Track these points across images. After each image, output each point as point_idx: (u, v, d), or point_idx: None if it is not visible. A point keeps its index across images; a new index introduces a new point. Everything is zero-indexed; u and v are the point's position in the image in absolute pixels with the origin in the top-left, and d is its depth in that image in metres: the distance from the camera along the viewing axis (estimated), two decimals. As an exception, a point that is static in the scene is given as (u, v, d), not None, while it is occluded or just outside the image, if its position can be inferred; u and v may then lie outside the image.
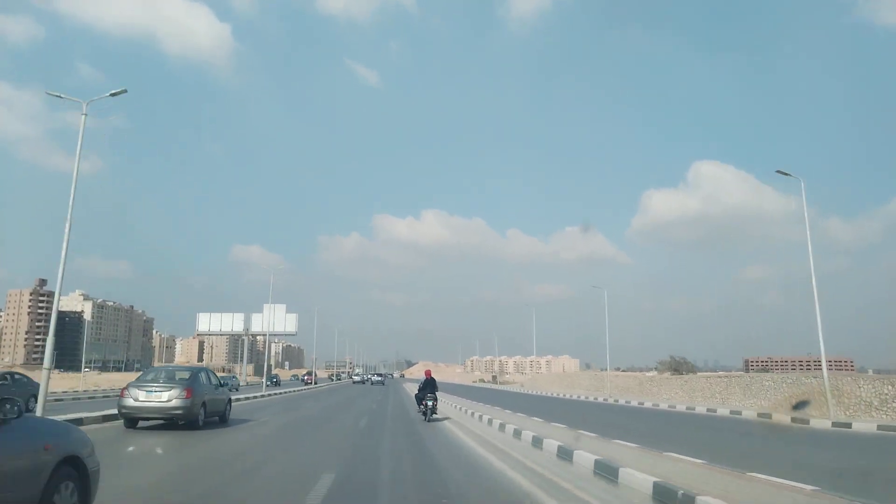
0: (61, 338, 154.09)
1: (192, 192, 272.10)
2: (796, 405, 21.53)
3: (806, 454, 12.75)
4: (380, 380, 77.85)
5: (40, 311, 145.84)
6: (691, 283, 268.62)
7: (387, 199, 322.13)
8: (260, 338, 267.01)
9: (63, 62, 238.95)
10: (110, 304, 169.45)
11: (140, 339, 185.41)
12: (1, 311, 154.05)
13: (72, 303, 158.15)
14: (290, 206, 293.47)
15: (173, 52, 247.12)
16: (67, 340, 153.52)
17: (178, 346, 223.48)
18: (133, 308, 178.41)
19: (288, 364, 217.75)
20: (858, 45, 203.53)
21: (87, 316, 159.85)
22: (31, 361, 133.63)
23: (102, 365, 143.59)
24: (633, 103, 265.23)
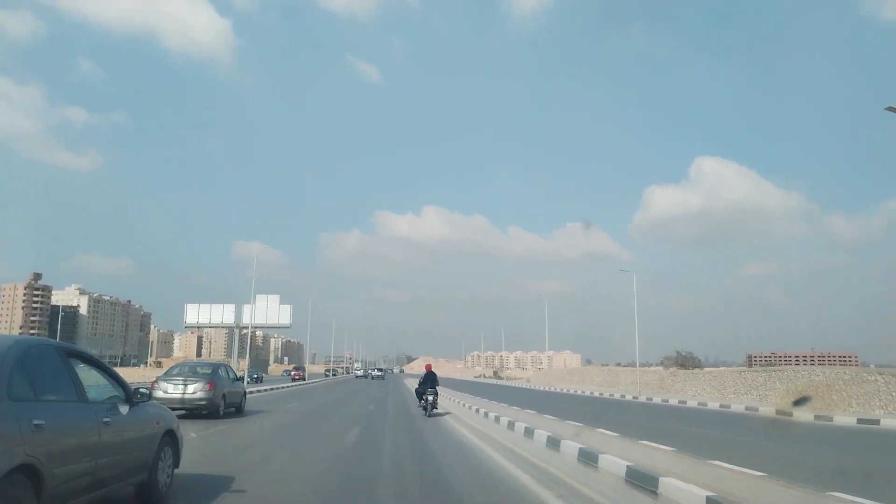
0: (57, 333, 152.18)
1: (193, 189, 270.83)
2: None
3: None
4: (380, 374, 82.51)
5: (35, 306, 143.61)
6: (693, 279, 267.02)
7: (388, 195, 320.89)
8: (258, 333, 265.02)
9: (64, 58, 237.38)
10: (107, 298, 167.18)
11: (137, 333, 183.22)
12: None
13: (68, 297, 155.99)
14: (291, 203, 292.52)
15: (174, 48, 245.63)
16: (63, 335, 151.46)
17: (175, 341, 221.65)
18: (130, 303, 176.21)
19: (287, 359, 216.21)
20: (860, 41, 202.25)
21: (84, 311, 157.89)
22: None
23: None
24: (635, 100, 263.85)
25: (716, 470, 7.39)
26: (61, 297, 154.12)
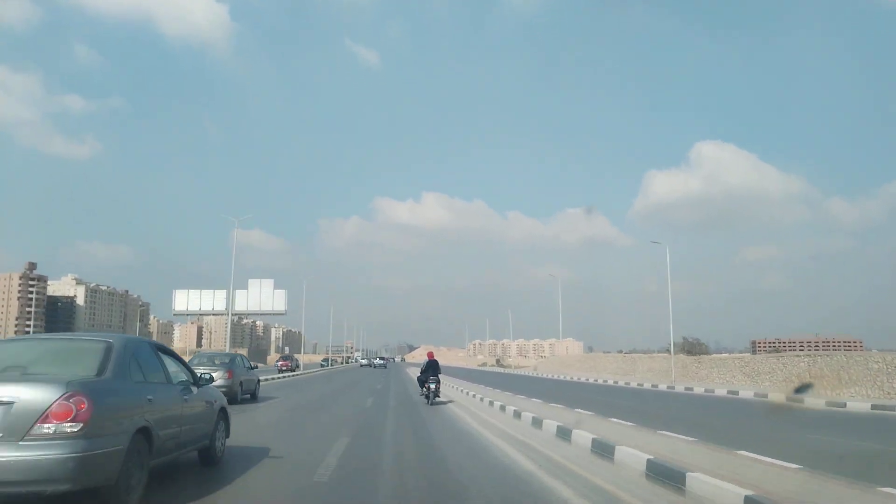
0: (53, 323, 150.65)
1: (192, 176, 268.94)
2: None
3: None
4: (382, 363, 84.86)
5: (30, 296, 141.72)
6: (694, 265, 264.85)
7: (387, 181, 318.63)
8: (259, 322, 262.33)
9: (60, 44, 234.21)
10: (104, 288, 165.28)
11: (136, 324, 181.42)
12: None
13: (64, 287, 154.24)
14: (291, 190, 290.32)
15: (171, 33, 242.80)
16: (60, 326, 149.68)
17: (176, 332, 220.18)
18: (128, 293, 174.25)
19: (288, 349, 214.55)
20: (861, 23, 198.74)
21: (80, 301, 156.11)
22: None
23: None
24: (635, 84, 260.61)
25: (746, 462, 6.81)
26: (58, 288, 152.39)
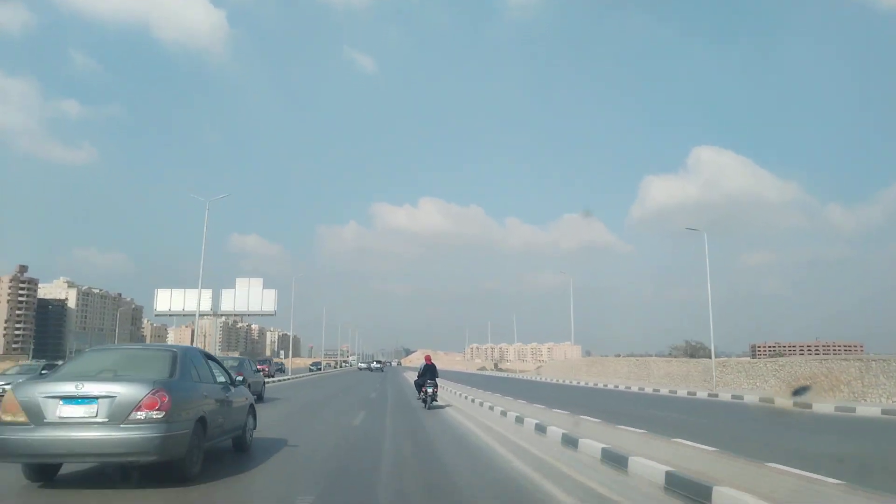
0: (44, 326, 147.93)
1: (189, 181, 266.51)
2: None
3: None
4: (379, 367, 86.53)
5: (21, 300, 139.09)
6: (691, 270, 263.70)
7: (384, 187, 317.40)
8: (254, 326, 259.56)
9: (57, 50, 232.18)
10: (96, 291, 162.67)
11: (129, 327, 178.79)
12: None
13: (55, 290, 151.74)
14: (288, 195, 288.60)
15: (168, 39, 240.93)
16: (50, 329, 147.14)
17: (170, 335, 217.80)
18: (121, 296, 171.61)
19: (283, 353, 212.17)
20: (859, 28, 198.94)
21: (72, 304, 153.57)
22: (12, 351, 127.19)
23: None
24: (633, 89, 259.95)
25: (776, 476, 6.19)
26: (49, 291, 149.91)
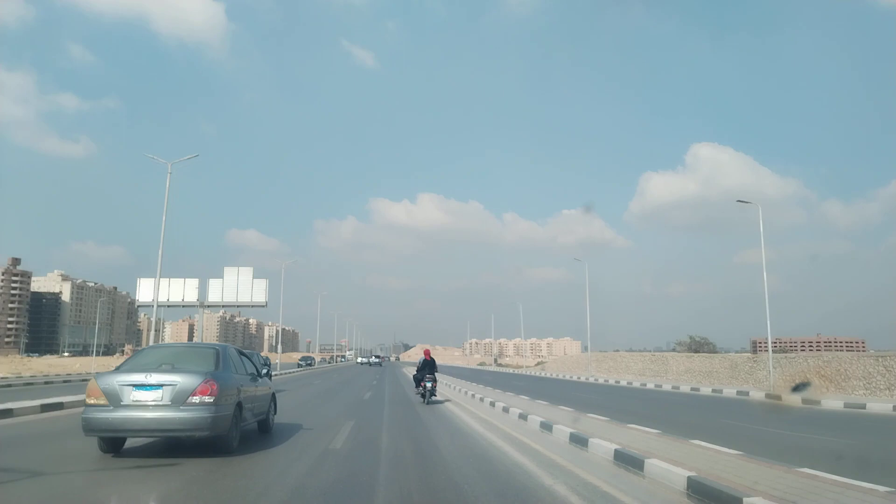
0: (37, 320, 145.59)
1: (187, 176, 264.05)
2: None
3: None
4: (378, 361, 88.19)
5: (13, 293, 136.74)
6: (691, 266, 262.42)
7: (383, 182, 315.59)
8: (252, 320, 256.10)
9: (54, 43, 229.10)
10: (91, 284, 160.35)
11: (124, 321, 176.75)
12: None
13: (49, 283, 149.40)
14: (286, 190, 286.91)
15: (166, 32, 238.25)
16: (44, 322, 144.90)
17: (167, 329, 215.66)
18: (116, 289, 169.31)
19: (280, 348, 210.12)
20: (858, 26, 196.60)
21: (66, 297, 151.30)
22: (4, 345, 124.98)
23: (83, 349, 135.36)
24: (631, 85, 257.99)
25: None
26: (42, 284, 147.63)
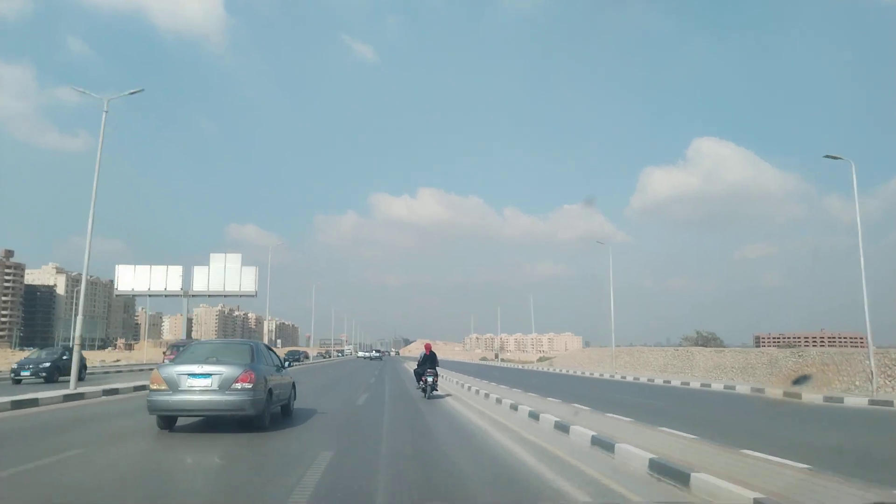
0: (31, 312, 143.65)
1: (186, 170, 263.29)
2: None
3: None
4: (378, 356, 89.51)
5: (7, 285, 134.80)
6: (692, 261, 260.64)
7: (383, 177, 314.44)
8: (252, 315, 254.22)
9: (53, 37, 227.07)
10: (88, 277, 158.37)
11: (121, 315, 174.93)
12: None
13: (44, 276, 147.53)
14: (286, 185, 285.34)
15: (165, 26, 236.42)
16: (38, 315, 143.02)
17: (165, 323, 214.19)
18: (112, 282, 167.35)
19: (280, 343, 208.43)
20: (860, 20, 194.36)
21: (61, 290, 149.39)
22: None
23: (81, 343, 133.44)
24: (632, 80, 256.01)
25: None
26: (37, 276, 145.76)
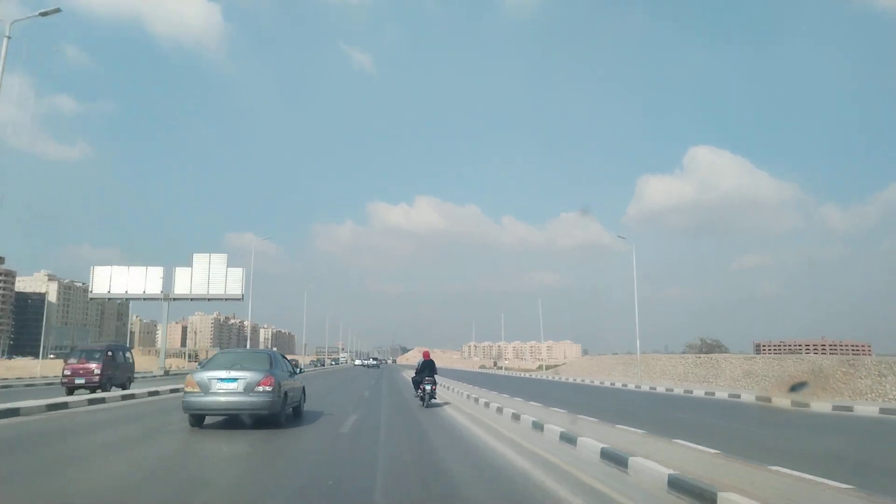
0: (23, 321, 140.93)
1: (184, 179, 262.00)
2: None
3: None
4: (375, 364, 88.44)
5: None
6: (688, 270, 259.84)
7: (380, 185, 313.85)
8: (246, 322, 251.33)
9: (48, 44, 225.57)
10: (79, 285, 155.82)
11: (114, 323, 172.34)
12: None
13: (35, 283, 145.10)
14: (284, 193, 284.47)
15: (162, 33, 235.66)
16: (30, 322, 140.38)
17: (159, 331, 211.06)
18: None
19: (276, 349, 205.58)
20: (857, 28, 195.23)
21: (53, 298, 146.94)
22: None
23: (70, 351, 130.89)
24: (629, 88, 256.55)
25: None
26: (28, 284, 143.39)
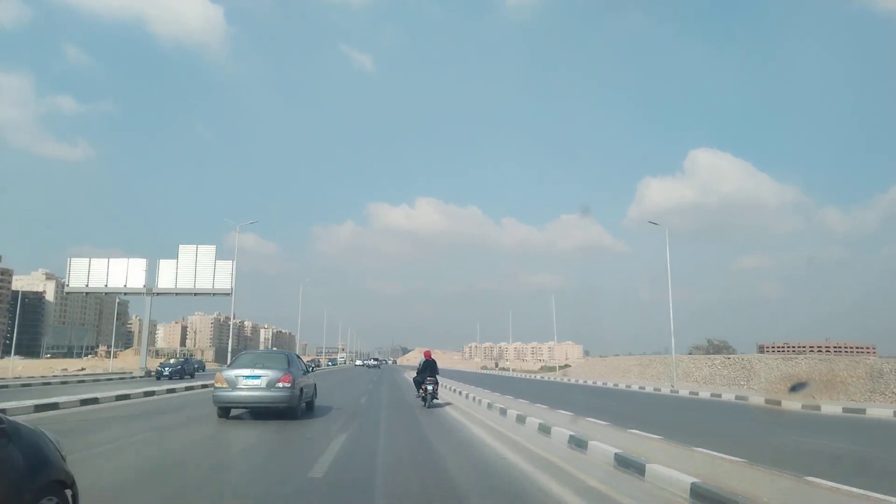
0: (20, 320, 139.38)
1: (185, 179, 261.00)
2: None
3: None
4: (376, 364, 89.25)
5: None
6: (689, 271, 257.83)
7: (381, 186, 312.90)
8: (247, 322, 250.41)
9: (51, 45, 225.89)
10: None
11: (113, 323, 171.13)
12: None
13: (33, 282, 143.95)
14: (285, 194, 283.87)
15: (164, 35, 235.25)
16: (27, 322, 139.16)
17: (159, 332, 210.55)
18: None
19: (276, 349, 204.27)
20: (857, 32, 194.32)
21: (50, 297, 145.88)
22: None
23: (68, 351, 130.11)
24: (631, 90, 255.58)
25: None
26: (25, 283, 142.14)
